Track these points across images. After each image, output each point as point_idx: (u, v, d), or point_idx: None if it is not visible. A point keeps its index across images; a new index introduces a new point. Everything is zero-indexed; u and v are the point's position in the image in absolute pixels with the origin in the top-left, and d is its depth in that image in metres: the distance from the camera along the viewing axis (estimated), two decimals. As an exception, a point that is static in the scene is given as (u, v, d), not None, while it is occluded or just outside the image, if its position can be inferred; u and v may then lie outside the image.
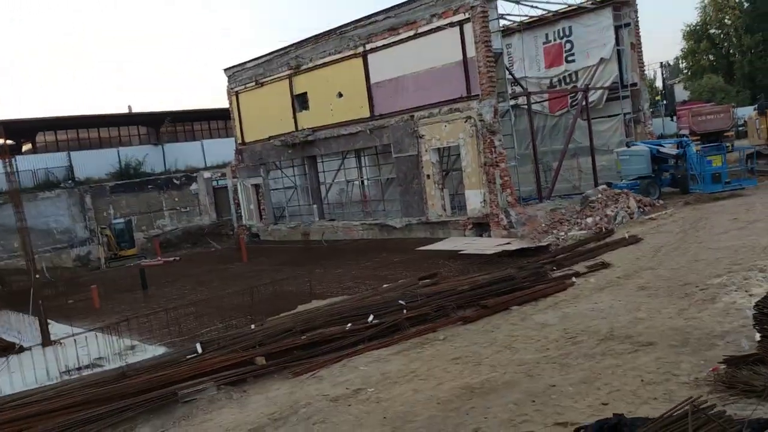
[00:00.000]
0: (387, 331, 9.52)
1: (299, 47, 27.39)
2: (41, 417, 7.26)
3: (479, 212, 21.86)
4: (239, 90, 30.62)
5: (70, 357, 12.55)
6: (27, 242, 14.48)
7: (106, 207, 33.45)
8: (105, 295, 19.67)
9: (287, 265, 22.44)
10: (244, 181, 31.01)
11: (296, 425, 6.66)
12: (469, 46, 21.36)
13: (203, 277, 22.39)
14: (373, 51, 24.53)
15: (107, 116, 39.62)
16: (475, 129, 21.48)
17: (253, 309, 15.20)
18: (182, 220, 35.89)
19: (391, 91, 24.21)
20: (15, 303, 21.19)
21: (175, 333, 13.91)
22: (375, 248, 23.29)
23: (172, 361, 8.97)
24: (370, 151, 27.74)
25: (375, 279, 17.28)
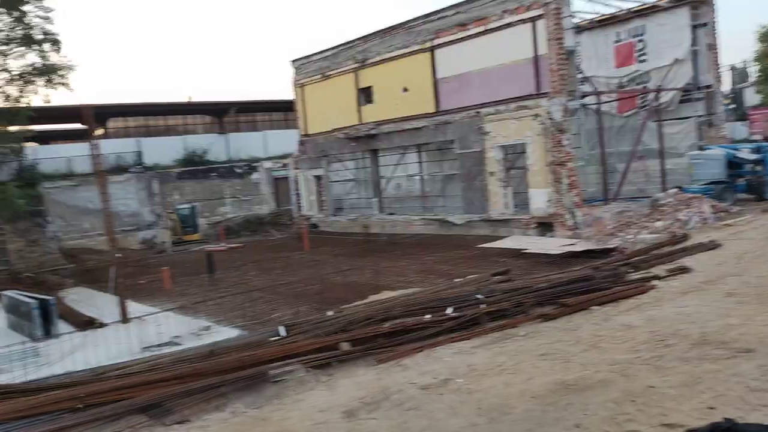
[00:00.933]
0: (466, 324, 9.57)
1: (366, 41, 27.57)
2: (141, 387, 7.57)
3: (543, 212, 21.64)
4: (305, 82, 31.02)
5: (147, 334, 13.00)
6: (109, 223, 15.03)
7: (171, 193, 34.37)
8: (173, 277, 20.22)
9: (348, 256, 22.68)
10: (306, 173, 31.43)
11: (389, 411, 6.77)
12: (540, 42, 21.14)
13: (266, 264, 22.81)
14: (441, 46, 24.51)
15: (174, 105, 40.67)
16: (543, 127, 21.25)
17: (323, 297, 15.49)
18: (243, 208, 36.60)
19: (458, 86, 24.16)
20: (90, 280, 22.14)
21: (247, 316, 14.28)
22: (435, 243, 23.31)
23: (256, 343, 9.22)
24: (432, 147, 27.74)
25: (437, 274, 17.34)
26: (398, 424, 6.34)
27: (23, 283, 20.31)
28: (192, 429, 6.98)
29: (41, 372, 10.93)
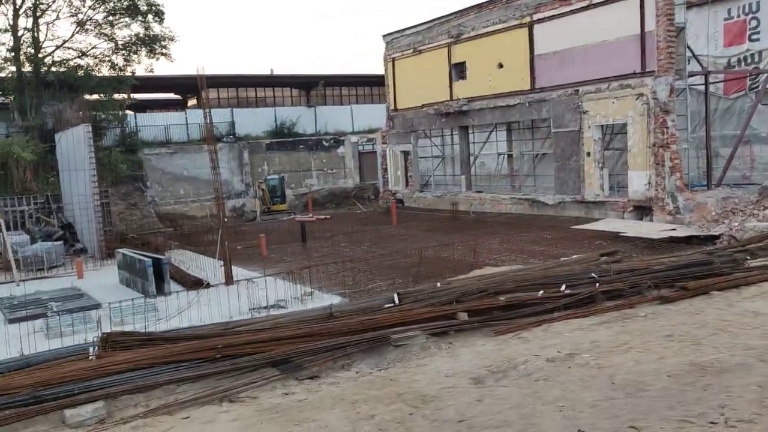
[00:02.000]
0: (582, 302, 9.48)
1: (461, 15, 27.24)
2: (271, 343, 7.91)
3: (642, 195, 20.99)
4: (396, 57, 31.02)
5: (251, 297, 13.50)
6: (219, 190, 15.61)
7: (260, 163, 35.31)
8: (267, 244, 20.81)
9: (436, 232, 22.72)
10: (394, 147, 31.58)
11: (517, 380, 6.82)
12: (648, 18, 20.32)
13: (356, 237, 23.19)
14: (540, 21, 23.94)
15: (263, 77, 41.54)
16: (647, 107, 20.52)
17: (418, 270, 15.66)
18: (328, 181, 37.23)
19: (556, 63, 23.59)
20: (189, 244, 23.12)
21: (345, 285, 14.63)
22: (524, 223, 23.03)
23: (372, 308, 9.44)
24: (524, 125, 27.30)
25: (530, 254, 17.17)
26: (530, 393, 6.39)
27: (129, 243, 21.41)
28: (323, 384, 7.26)
29: (160, 325, 11.59)
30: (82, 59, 29.68)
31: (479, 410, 6.07)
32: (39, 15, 28.76)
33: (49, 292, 15.19)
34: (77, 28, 29.33)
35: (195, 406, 6.78)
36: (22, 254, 18.69)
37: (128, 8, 29.88)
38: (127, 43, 30.37)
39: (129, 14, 29.99)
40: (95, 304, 13.79)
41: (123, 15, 29.99)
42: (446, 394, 6.56)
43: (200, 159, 33.58)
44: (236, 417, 6.46)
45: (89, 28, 29.37)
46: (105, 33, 29.73)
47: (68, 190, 24.17)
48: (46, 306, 13.47)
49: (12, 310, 13.68)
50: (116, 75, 30.12)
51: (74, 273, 18.05)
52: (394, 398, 6.55)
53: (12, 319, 12.81)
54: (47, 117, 28.90)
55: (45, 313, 12.82)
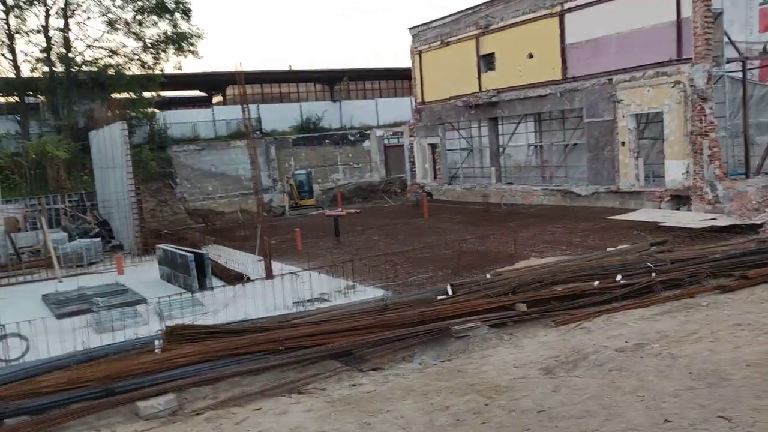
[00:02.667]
0: (639, 292, 9.34)
1: (490, 6, 27.03)
2: (331, 335, 7.89)
3: (680, 184, 20.70)
4: (423, 49, 30.87)
5: (294, 290, 13.49)
6: (258, 185, 15.64)
7: (287, 158, 35.40)
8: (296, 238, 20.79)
9: (469, 225, 22.60)
10: (421, 140, 31.46)
11: (589, 370, 6.73)
12: (684, 4, 20.02)
13: (388, 230, 23.12)
14: (571, 10, 23.66)
15: (288, 72, 41.58)
16: (684, 95, 20.22)
17: (459, 263, 15.58)
18: (354, 175, 37.21)
19: (588, 52, 23.31)
20: (223, 239, 23.23)
21: (385, 278, 14.58)
22: (558, 215, 22.81)
23: (426, 299, 9.38)
24: (556, 115, 27.02)
25: (568, 245, 16.98)
26: (607, 383, 6.30)
27: (164, 239, 21.54)
28: (389, 376, 7.22)
29: (207, 319, 11.64)
30: (112, 58, 29.94)
31: (557, 400, 6.00)
32: (70, 15, 29.04)
33: (92, 287, 15.33)
34: (107, 27, 29.56)
35: (264, 398, 6.78)
36: (62, 251, 18.90)
37: (156, 6, 30.05)
38: (156, 41, 30.54)
39: (157, 12, 30.15)
40: (140, 299, 13.88)
41: (151, 13, 30.17)
42: (519, 385, 6.49)
43: (227, 155, 33.77)
44: (309, 408, 6.44)
45: (119, 27, 29.58)
46: (134, 32, 29.93)
47: (102, 188, 24.39)
48: (92, 301, 13.60)
49: (59, 305, 13.82)
50: (146, 73, 30.31)
51: (113, 269, 18.23)
52: (466, 389, 6.49)
53: (61, 315, 12.95)
54: (79, 116, 29.20)
55: (92, 309, 12.95)
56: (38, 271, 18.31)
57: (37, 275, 17.99)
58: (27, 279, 17.61)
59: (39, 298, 15.02)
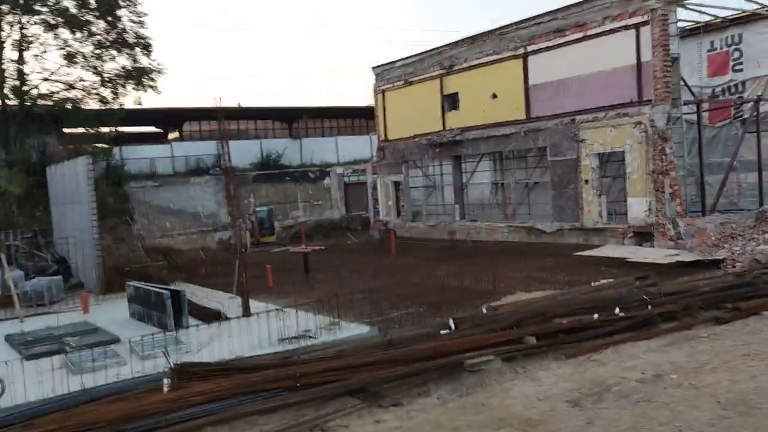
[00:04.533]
0: (638, 325, 9.49)
1: (454, 47, 27.70)
2: (345, 370, 7.69)
3: (642, 221, 21.36)
4: (386, 88, 31.28)
5: (274, 328, 13.16)
6: (236, 224, 15.30)
7: (247, 195, 34.91)
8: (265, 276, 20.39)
9: (438, 261, 22.66)
10: (385, 178, 31.62)
11: (616, 401, 6.74)
12: (644, 49, 20.97)
13: (357, 267, 22.94)
14: (535, 53, 24.47)
15: (247, 109, 41.35)
16: (645, 135, 21.03)
17: (442, 299, 15.55)
18: (314, 212, 36.99)
19: (552, 93, 24.07)
20: (187, 277, 22.55)
21: (366, 314, 14.40)
22: (523, 251, 23.14)
23: (428, 334, 9.29)
24: (516, 153, 27.65)
25: (540, 280, 17.21)
26: (639, 414, 6.32)
27: (126, 277, 20.78)
28: (412, 411, 7.05)
29: (188, 359, 11.18)
30: (69, 92, 29.14)
31: (595, 432, 5.97)
32: (25, 48, 28.23)
33: (59, 327, 14.59)
34: (65, 61, 28.85)
35: (287, 438, 6.51)
36: (21, 289, 17.97)
37: (116, 41, 29.58)
38: (115, 75, 29.98)
39: (117, 47, 29.66)
40: (113, 339, 13.29)
41: (111, 48, 29.65)
42: (550, 418, 6.43)
43: (186, 192, 33.11)
44: (338, 447, 6.22)
45: (77, 60, 28.90)
46: (93, 66, 29.29)
47: (59, 225, 23.46)
48: (62, 342, 12.94)
49: (27, 346, 13.07)
50: (104, 108, 29.62)
51: (76, 308, 17.43)
52: (497, 423, 6.40)
53: (30, 356, 12.24)
54: (33, 150, 28.19)
55: (64, 349, 12.31)
56: (-6, 311, 17.33)
57: (-6, 315, 17.02)
58: (-17, 319, 16.62)
59: (2, 339, 14.19)
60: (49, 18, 28.38)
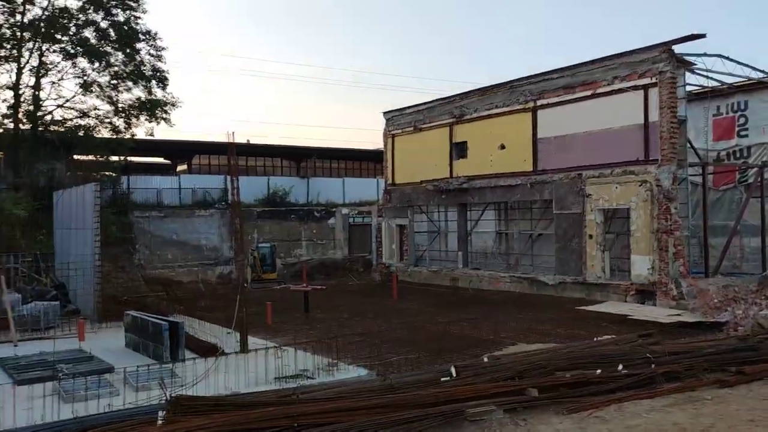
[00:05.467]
0: (641, 382, 9.38)
1: (464, 97, 28.12)
2: (345, 413, 7.57)
3: (645, 279, 21.31)
4: (396, 133, 31.64)
5: (271, 366, 13.01)
6: (242, 258, 15.28)
7: (251, 231, 34.93)
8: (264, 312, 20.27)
9: (438, 307, 22.57)
10: (390, 221, 31.70)
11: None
12: (652, 110, 21.26)
13: (358, 308, 22.84)
14: (544, 107, 24.81)
15: (256, 146, 41.80)
16: (651, 194, 21.15)
17: (441, 345, 15.44)
18: (317, 251, 36.98)
19: (559, 147, 24.31)
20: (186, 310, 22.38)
21: (365, 357, 14.28)
22: (525, 302, 23.05)
23: (428, 380, 9.17)
24: (525, 205, 27.76)
25: (541, 333, 17.10)
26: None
27: (126, 305, 20.65)
28: (411, 460, 6.92)
29: (183, 392, 11.02)
30: (82, 119, 29.52)
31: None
32: (43, 74, 28.73)
33: (53, 353, 14.41)
34: (80, 89, 29.31)
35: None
36: (17, 313, 17.85)
37: (133, 73, 30.10)
38: (129, 106, 30.41)
39: (133, 79, 30.17)
40: (107, 368, 13.13)
41: (127, 79, 30.16)
42: (553, 473, 6.29)
43: (191, 224, 33.18)
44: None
45: (93, 90, 29.37)
46: (108, 95, 29.75)
47: (62, 250, 23.45)
48: (55, 368, 12.78)
49: (19, 371, 12.92)
50: (116, 137, 29.95)
51: (72, 335, 17.24)
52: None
53: (21, 381, 12.08)
54: (41, 175, 28.40)
55: (56, 376, 12.15)
56: (-12, 333, 17.17)
57: (-12, 337, 16.86)
58: (-23, 341, 16.47)
59: (-6, 362, 14.02)
60: (68, 47, 28.99)
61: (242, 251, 15.53)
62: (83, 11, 29.05)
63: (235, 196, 16.01)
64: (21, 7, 28.05)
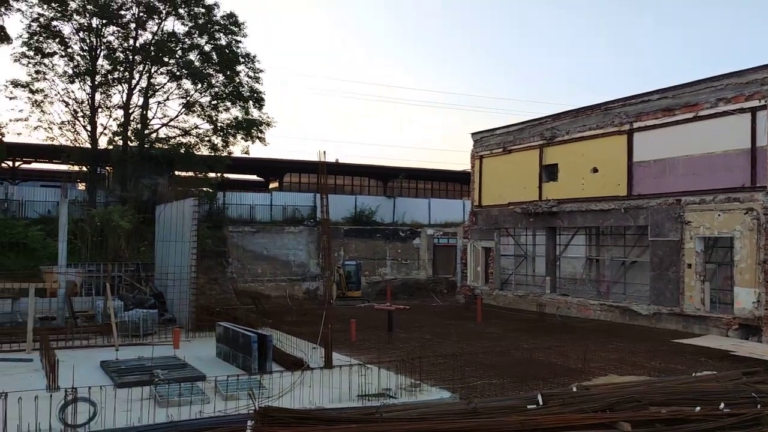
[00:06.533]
0: (746, 424, 8.76)
1: (556, 119, 27.60)
2: (428, 436, 7.50)
3: (749, 313, 20.02)
4: (484, 154, 31.43)
5: (354, 382, 13.09)
6: (329, 274, 15.53)
7: (337, 248, 35.52)
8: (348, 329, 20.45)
9: (524, 333, 22.07)
10: (475, 243, 31.40)
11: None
12: (760, 134, 20.12)
13: (441, 330, 22.68)
14: (641, 130, 23.97)
15: (345, 165, 42.62)
16: (757, 222, 19.94)
17: (525, 372, 15.08)
18: (401, 271, 37.11)
19: (656, 171, 23.38)
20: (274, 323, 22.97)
21: (448, 379, 14.14)
22: (616, 332, 22.15)
23: (514, 407, 8.94)
24: (614, 230, 26.83)
25: (631, 365, 16.35)
26: None
27: (218, 316, 21.42)
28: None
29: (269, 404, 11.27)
30: (184, 137, 31.14)
31: None
32: (151, 95, 30.58)
33: (151, 359, 15.14)
34: (184, 109, 30.97)
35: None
36: (119, 319, 18.91)
37: (232, 93, 31.51)
38: (227, 125, 31.81)
39: (232, 99, 31.58)
40: (200, 376, 13.64)
41: (226, 99, 31.60)
42: None
43: (280, 240, 34.14)
44: None
45: (195, 110, 30.96)
46: (208, 115, 31.26)
47: (161, 261, 24.69)
48: (152, 373, 13.39)
49: (120, 374, 13.64)
50: (213, 155, 31.39)
51: (168, 342, 18.06)
52: None
53: (121, 384, 12.74)
54: (145, 189, 30.09)
55: (152, 381, 12.72)
56: (94, 337, 18.26)
57: (93, 341, 17.93)
58: (84, 344, 17.54)
59: (97, 365, 14.89)
60: (174, 69, 30.75)
61: (329, 268, 15.71)
62: (189, 36, 30.79)
63: (324, 213, 16.31)
64: (134, 32, 30.08)
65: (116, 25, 29.71)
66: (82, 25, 29.45)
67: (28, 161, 37.75)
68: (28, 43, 28.84)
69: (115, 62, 29.81)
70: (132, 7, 29.98)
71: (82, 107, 29.96)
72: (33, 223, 27.54)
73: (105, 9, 28.94)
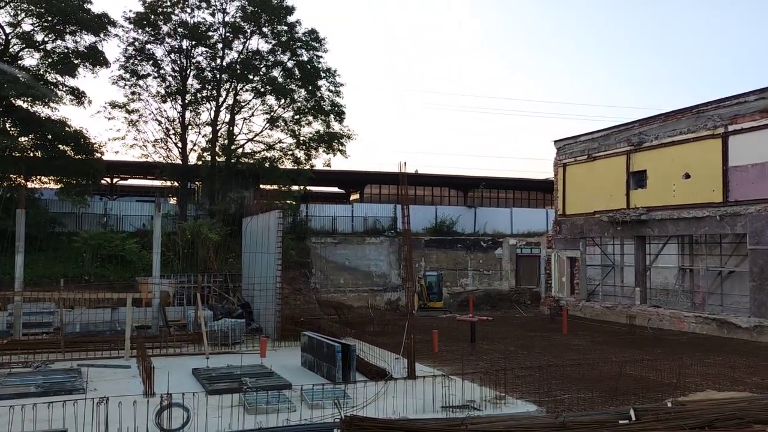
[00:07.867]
0: None
1: (644, 124, 26.60)
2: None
3: None
4: (567, 162, 30.68)
5: (437, 394, 12.97)
6: (411, 285, 15.55)
7: (418, 259, 35.51)
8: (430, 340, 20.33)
9: (612, 346, 21.27)
10: (560, 253, 30.63)
11: None
12: None
13: (525, 342, 22.20)
14: (736, 133, 22.72)
15: (424, 176, 42.64)
16: None
17: (613, 386, 14.52)
18: (483, 282, 36.65)
19: (755, 176, 22.07)
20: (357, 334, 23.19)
21: (532, 392, 13.80)
22: (713, 345, 20.99)
23: (605, 422, 8.61)
24: (709, 239, 25.48)
25: (731, 380, 15.43)
26: None
27: (303, 326, 21.83)
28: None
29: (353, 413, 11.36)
30: (268, 152, 32.11)
31: None
32: (237, 111, 31.74)
33: (239, 367, 15.61)
34: (268, 124, 31.96)
35: None
36: (209, 328, 19.61)
37: (313, 108, 32.25)
38: (309, 139, 32.55)
39: (314, 114, 32.31)
40: (286, 384, 13.93)
41: (308, 114, 32.37)
42: None
43: (362, 251, 34.48)
44: None
45: (278, 125, 31.88)
46: (291, 129, 32.10)
47: (248, 271, 25.46)
48: (241, 381, 13.79)
49: (210, 381, 14.12)
50: (296, 168, 32.17)
51: (255, 351, 18.56)
52: None
53: (212, 391, 13.18)
54: (232, 203, 31.19)
55: (241, 388, 13.09)
56: (186, 345, 19.01)
57: (185, 349, 18.67)
58: (176, 352, 18.29)
59: (189, 372, 15.46)
60: (259, 86, 31.82)
61: (411, 279, 15.74)
62: (272, 53, 31.79)
63: (405, 224, 16.35)
64: (221, 52, 31.37)
65: (205, 45, 31.09)
66: (173, 47, 31.01)
67: (125, 177, 39.93)
68: (124, 66, 30.66)
69: (203, 81, 31.17)
70: (219, 28, 31.32)
71: (174, 125, 31.49)
72: (129, 236, 29.05)
73: (194, 31, 30.36)
